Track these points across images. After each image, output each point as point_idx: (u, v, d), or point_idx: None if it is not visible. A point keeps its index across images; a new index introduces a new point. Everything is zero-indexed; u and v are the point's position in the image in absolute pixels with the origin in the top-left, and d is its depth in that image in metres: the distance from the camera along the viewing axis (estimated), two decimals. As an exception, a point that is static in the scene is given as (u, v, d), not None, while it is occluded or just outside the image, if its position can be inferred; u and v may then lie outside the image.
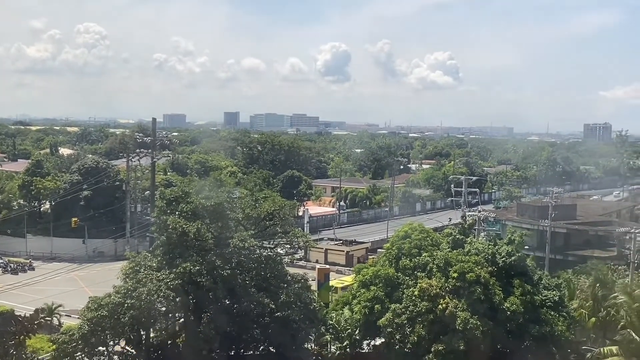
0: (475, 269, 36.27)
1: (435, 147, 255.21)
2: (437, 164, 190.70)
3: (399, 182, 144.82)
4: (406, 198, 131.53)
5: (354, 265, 66.75)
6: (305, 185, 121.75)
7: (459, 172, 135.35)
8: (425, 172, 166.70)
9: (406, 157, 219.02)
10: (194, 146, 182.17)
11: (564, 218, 70.39)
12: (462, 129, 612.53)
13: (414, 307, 36.03)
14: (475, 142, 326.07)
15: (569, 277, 49.63)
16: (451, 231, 42.46)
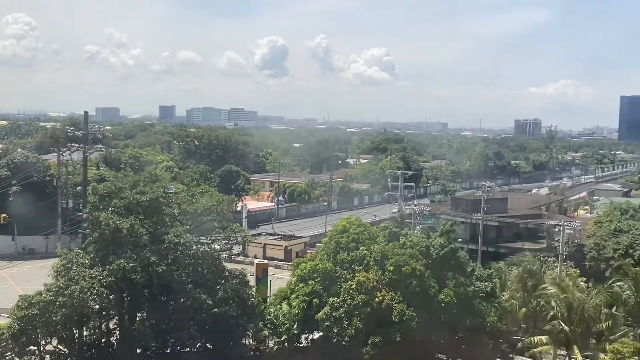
0: (410, 262, 36.81)
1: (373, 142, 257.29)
2: (374, 158, 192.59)
3: (337, 177, 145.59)
4: (344, 192, 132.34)
5: (292, 259, 66.75)
6: (243, 180, 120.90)
7: (396, 166, 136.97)
8: (363, 166, 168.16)
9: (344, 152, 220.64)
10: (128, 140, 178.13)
11: (495, 211, 72.18)
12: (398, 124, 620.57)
13: (351, 301, 36.30)
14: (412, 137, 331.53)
15: (501, 269, 51.00)
16: (387, 225, 42.97)
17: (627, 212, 67.42)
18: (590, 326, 38.76)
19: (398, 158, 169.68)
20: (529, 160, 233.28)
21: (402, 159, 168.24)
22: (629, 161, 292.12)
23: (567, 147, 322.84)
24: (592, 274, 55.20)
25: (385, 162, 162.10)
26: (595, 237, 62.25)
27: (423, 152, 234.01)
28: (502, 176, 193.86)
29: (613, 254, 58.30)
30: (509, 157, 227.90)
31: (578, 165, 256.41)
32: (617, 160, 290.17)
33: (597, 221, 67.54)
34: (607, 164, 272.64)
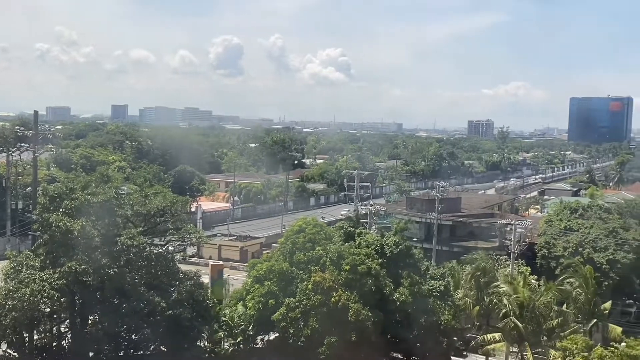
0: (366, 261, 37.03)
1: (329, 142, 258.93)
2: (330, 158, 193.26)
3: (294, 177, 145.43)
4: (301, 193, 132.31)
5: (248, 260, 66.42)
6: (198, 181, 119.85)
7: (352, 166, 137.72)
8: (319, 167, 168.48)
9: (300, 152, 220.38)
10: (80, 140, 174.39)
11: (449, 211, 73.11)
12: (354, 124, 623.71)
13: (307, 301, 36.30)
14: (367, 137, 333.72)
15: (454, 267, 51.71)
16: (343, 224, 43.15)
17: (576, 211, 68.98)
18: (542, 323, 39.59)
19: (354, 158, 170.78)
20: (482, 161, 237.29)
21: (358, 159, 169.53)
22: (578, 161, 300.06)
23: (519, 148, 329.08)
24: (543, 272, 56.41)
25: (341, 162, 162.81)
26: (546, 236, 63.57)
27: (379, 152, 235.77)
28: (456, 176, 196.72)
29: (563, 253, 59.66)
30: (462, 157, 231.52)
31: (529, 165, 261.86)
32: (567, 161, 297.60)
33: (548, 220, 69.00)
34: (558, 164, 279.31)
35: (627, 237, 60.77)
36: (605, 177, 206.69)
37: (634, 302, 63.65)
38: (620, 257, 58.03)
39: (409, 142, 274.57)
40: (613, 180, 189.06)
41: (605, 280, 56.03)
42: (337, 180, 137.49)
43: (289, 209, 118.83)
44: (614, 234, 61.38)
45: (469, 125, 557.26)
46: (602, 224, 63.47)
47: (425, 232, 71.85)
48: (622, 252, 58.61)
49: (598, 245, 59.60)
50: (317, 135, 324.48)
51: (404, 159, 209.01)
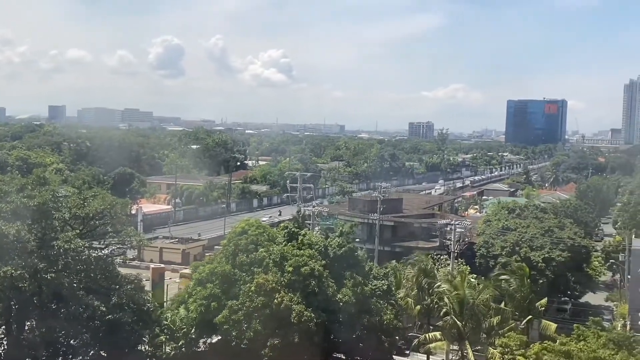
0: (309, 262, 37.15)
1: (272, 144, 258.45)
2: (273, 160, 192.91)
3: (236, 179, 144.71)
4: (243, 194, 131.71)
5: (190, 263, 65.75)
6: (139, 183, 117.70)
7: (295, 168, 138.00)
8: (262, 168, 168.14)
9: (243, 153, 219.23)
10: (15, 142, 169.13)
11: (391, 211, 74.01)
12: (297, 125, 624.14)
13: (250, 303, 36.18)
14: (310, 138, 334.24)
15: (396, 267, 52.38)
16: (287, 225, 43.17)
17: (513, 211, 70.82)
18: (481, 321, 40.44)
19: (297, 159, 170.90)
20: (423, 162, 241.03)
21: (301, 160, 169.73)
22: (515, 162, 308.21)
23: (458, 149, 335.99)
24: (482, 270, 57.71)
25: (284, 164, 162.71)
26: (485, 236, 65.05)
27: (321, 154, 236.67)
28: (398, 177, 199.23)
29: (501, 252, 61.14)
30: (403, 158, 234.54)
31: (468, 166, 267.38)
32: (504, 162, 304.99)
33: (486, 220, 70.64)
34: (495, 165, 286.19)
35: (562, 236, 62.76)
36: (541, 177, 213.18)
37: (568, 299, 65.81)
38: (555, 255, 59.83)
39: (351, 143, 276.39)
40: (548, 180, 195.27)
41: (541, 278, 57.69)
42: (280, 181, 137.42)
43: (232, 211, 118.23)
44: (549, 233, 63.31)
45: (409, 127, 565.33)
46: (538, 224, 65.37)
47: (368, 232, 72.50)
48: (557, 250, 60.45)
49: (534, 244, 61.33)
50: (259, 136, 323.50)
51: (346, 160, 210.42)
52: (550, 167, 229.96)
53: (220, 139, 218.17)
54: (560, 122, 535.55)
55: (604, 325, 47.88)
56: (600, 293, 72.33)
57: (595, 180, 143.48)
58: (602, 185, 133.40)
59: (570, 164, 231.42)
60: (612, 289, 75.65)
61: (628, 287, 65.10)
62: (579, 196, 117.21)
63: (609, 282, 79.43)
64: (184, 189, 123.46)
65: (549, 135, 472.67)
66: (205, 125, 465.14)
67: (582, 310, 62.50)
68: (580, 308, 63.68)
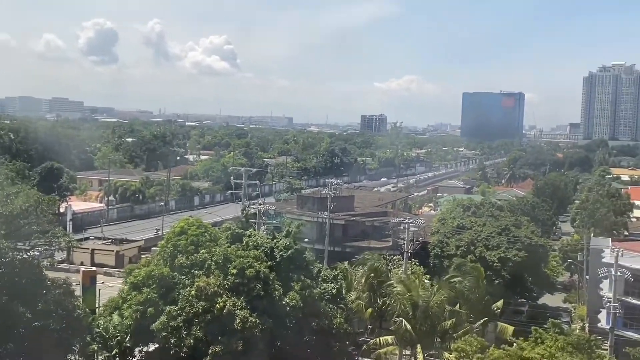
0: (254, 265, 37.01)
1: (214, 137, 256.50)
2: (216, 154, 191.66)
3: (176, 174, 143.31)
4: (183, 191, 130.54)
5: (125, 266, 64.82)
6: (68, 179, 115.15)
7: (239, 163, 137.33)
8: (204, 163, 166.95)
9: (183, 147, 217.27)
10: None
11: (342, 209, 74.33)
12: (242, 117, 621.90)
13: (190, 308, 35.88)
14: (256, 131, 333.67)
15: (347, 269, 52.64)
16: (230, 225, 42.93)
17: (469, 208, 72.00)
18: (435, 324, 41.02)
19: (241, 154, 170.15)
20: (375, 157, 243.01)
21: (246, 155, 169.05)
22: (471, 158, 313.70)
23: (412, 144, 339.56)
24: (437, 271, 58.48)
25: (227, 158, 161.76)
26: (439, 235, 65.97)
27: (268, 148, 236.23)
28: (349, 173, 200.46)
29: (456, 251, 62.11)
30: (355, 153, 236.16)
31: (422, 162, 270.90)
32: (460, 157, 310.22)
33: (441, 218, 71.69)
34: (451, 160, 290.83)
35: (518, 235, 64.14)
36: (497, 174, 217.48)
37: (525, 300, 67.34)
38: (511, 255, 61.12)
39: (300, 137, 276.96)
40: (505, 177, 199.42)
41: (496, 279, 58.85)
42: (224, 177, 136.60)
43: (171, 209, 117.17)
44: (505, 231, 64.64)
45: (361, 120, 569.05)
46: (494, 222, 66.67)
47: (317, 232, 72.64)
48: (513, 250, 61.75)
49: (490, 243, 62.54)
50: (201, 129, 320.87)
51: (294, 155, 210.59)
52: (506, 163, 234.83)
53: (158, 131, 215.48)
54: (517, 116, 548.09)
55: (562, 327, 49.19)
56: (558, 294, 74.24)
57: (553, 176, 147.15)
58: (560, 181, 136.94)
59: (527, 159, 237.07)
60: (570, 289, 77.66)
61: (586, 288, 67.01)
62: (536, 193, 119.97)
63: (567, 282, 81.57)
64: (118, 186, 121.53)
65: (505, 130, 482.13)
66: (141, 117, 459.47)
67: (540, 312, 63.97)
68: (538, 310, 65.18)
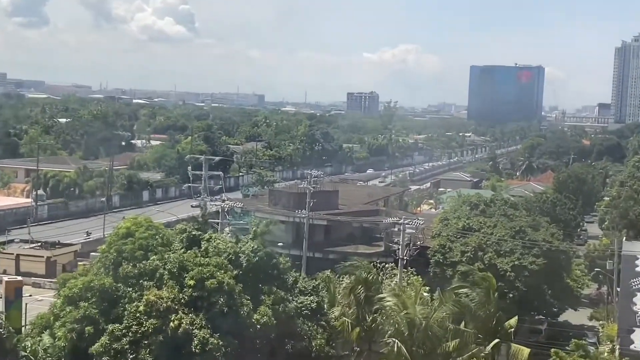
0: (217, 274, 36.94)
1: (169, 118, 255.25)
2: (170, 139, 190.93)
3: (120, 164, 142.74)
4: (129, 184, 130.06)
5: (57, 275, 64.51)
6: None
7: (198, 150, 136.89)
8: (155, 150, 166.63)
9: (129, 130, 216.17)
10: None
11: (324, 207, 74.31)
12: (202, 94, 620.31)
13: (138, 327, 35.76)
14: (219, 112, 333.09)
15: (330, 279, 52.63)
16: (186, 227, 42.81)
17: (477, 206, 72.23)
18: (436, 346, 41.12)
19: (201, 139, 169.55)
20: (365, 144, 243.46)
21: (207, 140, 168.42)
22: (480, 145, 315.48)
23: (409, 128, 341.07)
24: (438, 282, 58.62)
25: (184, 145, 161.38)
26: (441, 238, 66.13)
27: (234, 132, 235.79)
28: (333, 163, 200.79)
29: (461, 258, 62.32)
30: (340, 139, 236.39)
31: (421, 150, 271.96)
32: (466, 144, 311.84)
33: (443, 218, 71.88)
34: (455, 148, 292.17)
35: (536, 239, 64.45)
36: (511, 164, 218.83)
37: (544, 317, 67.80)
38: (528, 262, 61.41)
39: (273, 119, 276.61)
40: (520, 168, 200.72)
41: (510, 292, 59.15)
42: (179, 168, 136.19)
43: (114, 206, 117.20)
44: (520, 234, 64.92)
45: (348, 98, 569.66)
46: (507, 223, 66.96)
47: (294, 234, 72.64)
48: (530, 256, 62.04)
49: (502, 248, 62.81)
50: (152, 108, 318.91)
51: (266, 140, 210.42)
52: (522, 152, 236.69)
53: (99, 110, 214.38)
54: (535, 95, 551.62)
55: (588, 349, 49.60)
56: (583, 310, 74.75)
57: (577, 168, 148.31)
58: (587, 174, 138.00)
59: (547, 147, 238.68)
60: (598, 304, 78.20)
61: (617, 303, 67.51)
62: (558, 188, 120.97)
63: (593, 295, 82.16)
64: (49, 177, 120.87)
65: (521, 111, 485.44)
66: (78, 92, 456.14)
67: (561, 331, 64.44)
68: (559, 329, 65.66)
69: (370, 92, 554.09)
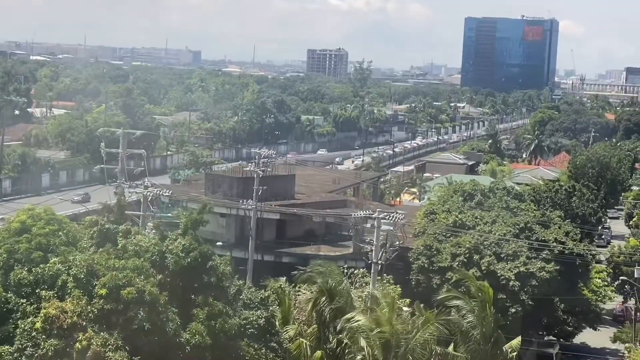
0: (135, 281, 36.68)
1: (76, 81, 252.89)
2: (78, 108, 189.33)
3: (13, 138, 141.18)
4: (25, 165, 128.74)
5: None
6: None
7: (115, 122, 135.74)
8: (59, 121, 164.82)
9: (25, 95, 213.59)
10: None
11: (277, 196, 74.24)
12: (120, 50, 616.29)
13: (34, 349, 35.44)
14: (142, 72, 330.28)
15: (283, 289, 52.61)
16: (98, 219, 42.46)
17: (472, 197, 72.64)
18: (418, 375, 41.31)
19: (118, 107, 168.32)
20: (330, 116, 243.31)
21: (126, 109, 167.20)
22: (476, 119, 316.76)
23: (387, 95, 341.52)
24: (422, 292, 58.87)
25: (96, 115, 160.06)
26: (426, 237, 66.37)
27: (161, 99, 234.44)
28: (289, 140, 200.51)
29: (451, 263, 62.53)
30: (298, 109, 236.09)
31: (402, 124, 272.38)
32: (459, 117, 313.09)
33: (429, 212, 72.13)
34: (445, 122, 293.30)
35: (546, 238, 64.91)
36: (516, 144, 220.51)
37: (556, 339, 68.36)
38: (535, 269, 61.77)
39: (212, 82, 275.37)
40: (527, 149, 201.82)
41: (512, 306, 59.51)
42: (90, 145, 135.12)
43: (5, 193, 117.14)
44: (527, 233, 65.35)
45: (308, 57, 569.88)
46: (510, 218, 67.37)
47: (237, 231, 72.49)
48: (539, 261, 62.45)
49: (503, 250, 63.15)
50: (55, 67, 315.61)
51: (202, 110, 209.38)
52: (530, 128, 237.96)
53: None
54: (547, 56, 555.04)
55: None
56: (605, 329, 75.51)
57: (599, 148, 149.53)
58: (611, 157, 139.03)
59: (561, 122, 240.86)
60: (623, 322, 78.94)
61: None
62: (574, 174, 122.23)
63: (617, 311, 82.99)
64: None
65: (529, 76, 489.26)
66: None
67: (578, 356, 65.02)
68: (574, 353, 66.27)
69: (337, 49, 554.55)
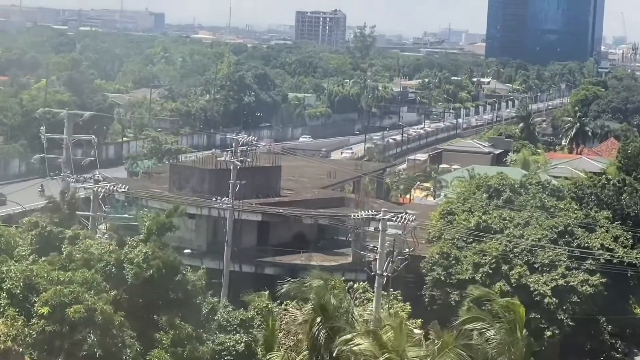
0: (84, 297, 36.72)
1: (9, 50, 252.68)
2: (12, 84, 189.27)
3: None
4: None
5: None
6: None
7: (57, 101, 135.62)
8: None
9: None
10: None
11: (259, 192, 74.31)
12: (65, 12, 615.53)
13: (-41, 382, 35.58)
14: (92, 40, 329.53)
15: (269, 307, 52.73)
16: (38, 220, 42.54)
17: (499, 193, 72.63)
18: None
19: (62, 82, 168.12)
20: (324, 93, 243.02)
21: (71, 84, 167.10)
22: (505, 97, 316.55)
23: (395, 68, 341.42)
24: (437, 311, 58.99)
25: (35, 92, 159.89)
26: (442, 243, 66.45)
27: (115, 72, 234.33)
28: (273, 123, 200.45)
29: (473, 274, 62.64)
30: (285, 84, 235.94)
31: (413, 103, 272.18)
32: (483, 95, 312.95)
33: (446, 212, 72.20)
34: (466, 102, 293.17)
35: (591, 245, 64.94)
36: (553, 128, 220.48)
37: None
38: (577, 282, 61.90)
39: (178, 52, 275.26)
40: (567, 134, 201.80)
41: (549, 328, 59.64)
42: (27, 128, 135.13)
43: None
44: (566, 237, 65.42)
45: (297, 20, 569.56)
46: (546, 220, 67.41)
47: (210, 236, 72.54)
48: (581, 272, 62.55)
49: (538, 260, 63.23)
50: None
51: (166, 87, 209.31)
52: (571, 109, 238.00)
53: None
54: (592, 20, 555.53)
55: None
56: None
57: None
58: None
59: (608, 102, 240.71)
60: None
61: None
62: (625, 166, 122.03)
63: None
64: None
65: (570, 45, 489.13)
66: None
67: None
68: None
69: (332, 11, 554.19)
